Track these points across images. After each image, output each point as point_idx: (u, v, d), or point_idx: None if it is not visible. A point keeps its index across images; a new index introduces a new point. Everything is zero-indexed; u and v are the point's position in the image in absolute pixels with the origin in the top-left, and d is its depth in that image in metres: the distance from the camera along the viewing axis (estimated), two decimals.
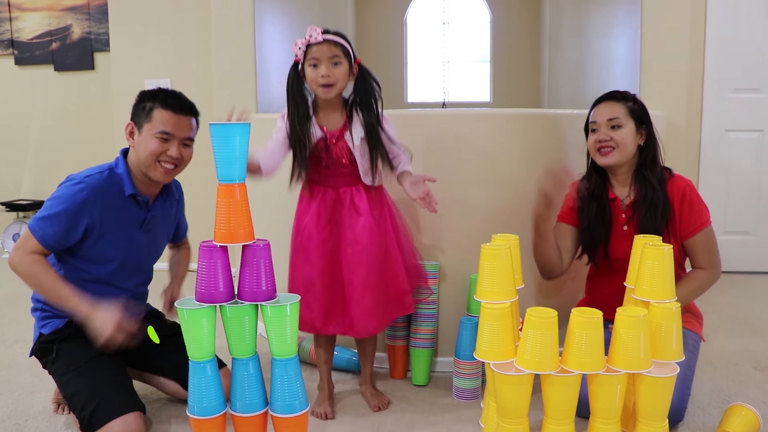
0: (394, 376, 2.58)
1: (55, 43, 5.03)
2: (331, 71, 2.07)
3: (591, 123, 2.25)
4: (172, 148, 2.08)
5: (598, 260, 2.27)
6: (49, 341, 2.14)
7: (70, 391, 2.02)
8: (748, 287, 3.90)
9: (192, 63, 4.32)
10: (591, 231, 2.25)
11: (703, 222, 2.18)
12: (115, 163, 2.14)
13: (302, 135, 2.11)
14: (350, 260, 2.16)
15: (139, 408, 2.00)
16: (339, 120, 2.16)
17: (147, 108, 2.08)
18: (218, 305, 1.74)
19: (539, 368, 1.62)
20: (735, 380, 2.50)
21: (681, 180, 2.21)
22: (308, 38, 2.08)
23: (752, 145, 4.12)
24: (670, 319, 1.69)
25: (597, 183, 2.27)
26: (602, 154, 2.20)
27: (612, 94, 2.25)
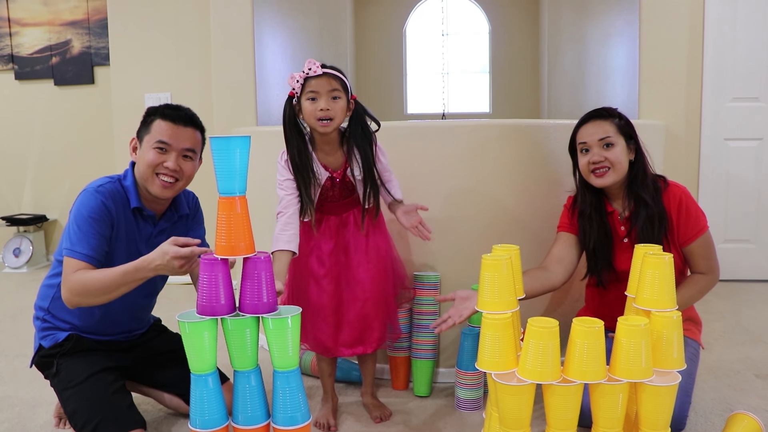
0: (396, 387, 2.58)
1: (55, 58, 5.05)
2: (331, 105, 2.04)
3: (580, 144, 2.20)
4: (170, 160, 2.04)
5: (604, 276, 2.25)
6: (49, 355, 2.13)
7: (70, 408, 2.01)
8: (749, 295, 3.89)
9: (192, 76, 4.34)
10: (596, 251, 2.23)
11: (700, 228, 2.18)
12: (124, 175, 2.12)
13: (305, 172, 2.10)
14: (360, 279, 2.18)
15: (139, 425, 1.99)
16: (340, 157, 2.15)
17: (148, 121, 2.07)
18: (220, 318, 1.74)
19: (541, 378, 1.62)
20: (736, 388, 2.49)
21: (676, 188, 2.20)
22: (307, 71, 2.04)
23: (751, 153, 4.13)
24: (672, 328, 1.69)
25: (592, 202, 2.24)
26: (597, 175, 2.17)
27: (598, 113, 2.21)
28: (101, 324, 2.16)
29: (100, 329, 2.17)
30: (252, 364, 1.79)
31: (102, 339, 2.18)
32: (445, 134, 2.53)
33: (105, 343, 2.18)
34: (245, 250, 1.72)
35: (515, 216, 2.56)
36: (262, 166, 2.77)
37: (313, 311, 2.18)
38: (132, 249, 2.09)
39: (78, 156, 5.14)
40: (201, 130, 2.13)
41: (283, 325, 1.72)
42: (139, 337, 2.30)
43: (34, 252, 5.08)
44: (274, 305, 1.75)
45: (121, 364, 2.18)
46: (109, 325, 2.18)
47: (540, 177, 2.57)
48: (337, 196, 2.18)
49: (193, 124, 2.10)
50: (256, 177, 2.77)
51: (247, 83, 3.90)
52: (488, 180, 2.54)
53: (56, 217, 5.26)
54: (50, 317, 2.15)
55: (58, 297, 2.11)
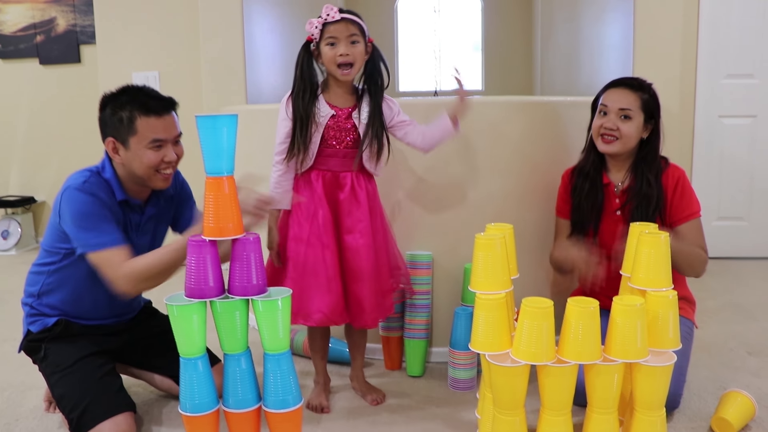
0: (389, 368, 2.56)
1: (39, 36, 4.96)
2: (350, 50, 2.04)
3: (602, 105, 2.21)
4: (168, 153, 2.00)
5: (587, 242, 2.24)
6: (37, 340, 2.11)
7: (58, 392, 2.00)
8: (741, 273, 3.90)
9: (180, 54, 4.27)
10: (581, 210, 2.25)
11: (693, 212, 2.17)
12: (102, 167, 2.04)
13: (305, 113, 2.07)
14: (349, 247, 2.13)
15: (129, 408, 1.98)
16: (349, 100, 2.14)
17: (125, 120, 1.95)
18: (208, 300, 1.71)
19: (535, 359, 1.60)
20: (730, 366, 2.49)
21: (676, 170, 2.21)
22: (325, 17, 2.04)
23: (745, 130, 4.11)
24: (667, 308, 1.67)
25: (594, 163, 2.25)
26: (604, 141, 2.18)
27: (630, 82, 2.21)
28: (92, 310, 2.13)
29: (90, 314, 2.14)
30: (242, 347, 1.77)
31: (92, 323, 2.15)
32: (437, 111, 2.49)
33: (95, 328, 2.15)
34: (234, 231, 1.69)
35: (509, 194, 2.53)
36: (252, 145, 2.74)
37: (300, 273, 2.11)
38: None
39: (65, 136, 5.08)
40: (176, 108, 2.07)
41: (273, 307, 1.69)
42: (130, 320, 2.27)
43: (23, 234, 5.03)
44: (263, 287, 1.72)
45: (110, 348, 2.16)
46: (100, 310, 2.15)
47: (534, 155, 2.54)
48: (337, 138, 2.11)
49: (172, 107, 2.04)
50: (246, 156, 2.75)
51: (237, 61, 3.85)
52: (481, 158, 2.50)
53: (44, 198, 5.20)
54: (39, 303, 2.11)
55: (48, 283, 2.09)
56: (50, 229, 2.06)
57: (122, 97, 1.98)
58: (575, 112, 2.59)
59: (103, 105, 2.01)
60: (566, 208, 2.33)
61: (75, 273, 2.06)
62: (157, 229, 2.21)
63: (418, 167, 2.49)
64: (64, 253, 2.05)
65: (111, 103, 1.99)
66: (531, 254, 2.51)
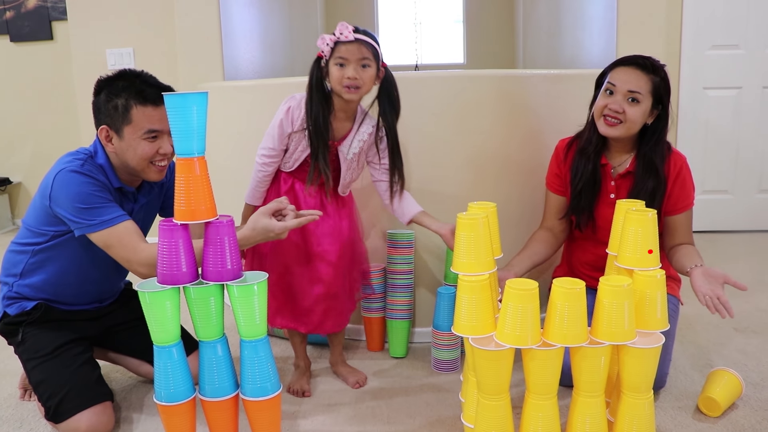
0: (371, 349, 2.53)
1: (9, 12, 4.81)
2: (359, 74, 1.94)
3: (609, 83, 2.06)
4: (164, 144, 1.91)
5: (582, 224, 2.18)
6: (14, 323, 2.04)
7: (35, 379, 1.95)
8: (726, 246, 3.88)
9: (155, 30, 4.16)
10: (581, 193, 2.15)
11: (689, 203, 2.12)
12: (93, 152, 1.95)
13: (323, 136, 2.00)
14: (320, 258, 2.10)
15: (107, 398, 1.94)
16: (346, 126, 2.07)
17: (120, 108, 1.87)
18: (182, 286, 1.65)
19: (520, 342, 1.55)
20: (716, 342, 2.47)
21: (678, 157, 2.11)
22: (338, 35, 1.93)
23: (730, 102, 4.07)
24: (655, 288, 1.63)
25: (596, 144, 2.13)
26: (607, 123, 2.05)
27: (642, 62, 2.05)
28: (77, 293, 2.08)
29: (73, 298, 2.09)
30: (218, 334, 1.71)
31: (73, 308, 2.10)
32: (419, 86, 2.43)
33: (75, 313, 2.10)
34: (206, 214, 1.63)
35: (492, 171, 2.48)
36: (231, 124, 2.67)
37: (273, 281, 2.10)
38: None
39: (40, 115, 4.95)
40: None
41: (249, 293, 1.64)
42: (110, 305, 2.21)
43: None
44: (238, 272, 1.67)
45: (89, 334, 2.11)
46: (84, 294, 2.10)
47: (517, 130, 2.49)
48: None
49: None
50: (224, 135, 2.68)
51: (213, 37, 3.75)
52: (464, 133, 2.45)
53: (20, 179, 5.08)
54: (20, 284, 2.04)
55: (32, 263, 2.01)
56: (36, 211, 1.97)
57: (119, 82, 1.89)
58: (557, 86, 2.54)
59: (98, 89, 1.92)
60: (557, 182, 2.25)
61: (63, 254, 1.99)
62: (146, 217, 2.15)
63: None
64: (52, 235, 1.97)
65: (106, 88, 1.90)
66: (514, 232, 2.46)
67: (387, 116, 2.06)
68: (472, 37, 6.23)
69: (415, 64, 5.94)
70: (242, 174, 2.61)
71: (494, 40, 6.18)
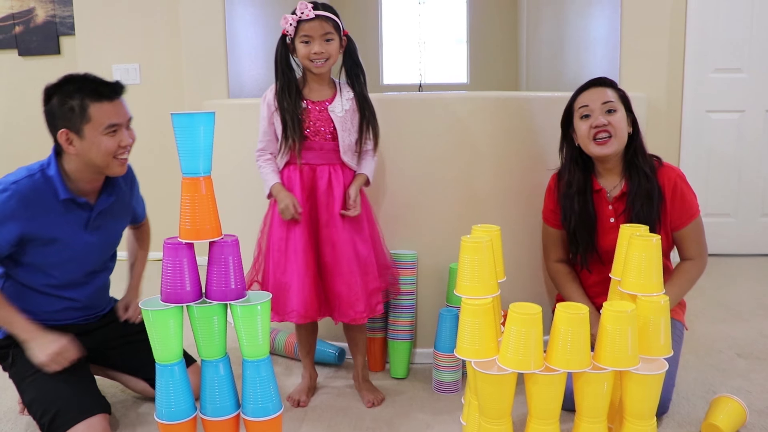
0: (373, 369, 2.51)
1: (18, 27, 4.84)
2: (324, 48, 2.05)
3: (582, 108, 2.11)
4: (123, 137, 1.94)
5: (588, 257, 2.19)
6: (4, 347, 2.04)
7: (28, 397, 1.94)
8: (729, 270, 3.87)
9: (161, 47, 4.19)
10: (576, 231, 2.17)
11: (693, 213, 2.12)
12: (47, 163, 1.98)
13: (294, 105, 2.07)
14: (326, 241, 2.11)
15: (103, 409, 1.92)
16: (326, 92, 2.14)
17: (77, 108, 1.88)
18: (185, 305, 1.65)
19: (523, 367, 1.55)
20: (719, 368, 2.45)
21: (671, 170, 2.13)
22: (299, 14, 2.03)
23: (733, 125, 4.07)
24: (659, 314, 1.62)
25: (579, 180, 2.16)
26: (599, 143, 2.07)
27: (600, 80, 2.15)
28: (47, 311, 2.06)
29: (59, 316, 2.08)
30: (220, 353, 1.71)
31: (58, 324, 2.08)
32: (423, 107, 2.44)
33: (62, 328, 2.08)
34: (211, 234, 1.64)
35: (494, 193, 2.48)
36: (235, 141, 2.67)
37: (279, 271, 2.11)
38: (66, 238, 1.99)
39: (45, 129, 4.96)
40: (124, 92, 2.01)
41: (252, 313, 1.64)
42: (100, 318, 2.21)
43: None
44: (242, 291, 1.67)
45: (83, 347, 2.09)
46: (70, 311, 2.10)
47: (520, 152, 2.49)
48: (314, 132, 2.10)
49: (121, 91, 1.97)
50: (228, 153, 2.69)
51: (218, 54, 3.78)
52: (467, 155, 2.45)
53: None
54: None
55: (8, 287, 2.02)
56: None
57: (68, 86, 1.91)
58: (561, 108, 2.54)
59: (48, 96, 1.94)
60: (553, 218, 2.27)
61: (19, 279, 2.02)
62: (111, 226, 2.13)
63: (402, 165, 2.44)
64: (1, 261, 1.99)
65: (57, 93, 1.92)
66: (517, 255, 2.47)
67: (353, 81, 2.15)
68: (475, 57, 6.25)
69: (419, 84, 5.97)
70: (246, 193, 2.62)
71: (497, 60, 6.20)
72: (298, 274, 2.07)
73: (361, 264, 2.13)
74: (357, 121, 2.14)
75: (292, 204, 2.05)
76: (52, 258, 1.98)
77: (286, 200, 2.05)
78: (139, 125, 4.31)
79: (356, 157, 2.16)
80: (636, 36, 3.54)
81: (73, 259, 2.02)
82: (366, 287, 2.15)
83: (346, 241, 2.10)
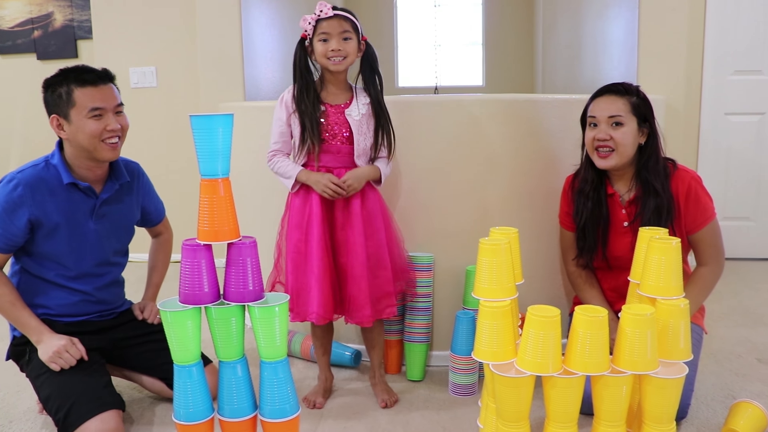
0: (389, 371, 2.51)
1: (37, 31, 4.89)
2: (342, 45, 2.06)
3: (589, 117, 2.12)
4: (110, 122, 1.99)
5: (596, 261, 2.20)
6: (22, 344, 2.08)
7: (44, 394, 1.96)
8: (749, 275, 3.83)
9: (177, 50, 4.21)
10: (585, 232, 2.17)
11: (708, 216, 2.11)
12: (51, 155, 2.07)
13: (311, 107, 2.09)
14: (343, 244, 2.13)
15: (116, 405, 1.94)
16: (343, 96, 2.15)
17: (64, 95, 1.98)
18: (203, 306, 1.65)
19: (541, 370, 1.54)
20: (739, 373, 2.43)
21: (686, 173, 2.12)
22: (318, 13, 2.06)
23: (753, 128, 4.03)
24: (678, 317, 1.61)
25: (593, 181, 2.16)
26: (600, 155, 2.09)
27: (614, 87, 2.11)
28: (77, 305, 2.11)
29: (74, 309, 2.12)
30: (238, 354, 1.71)
31: (74, 320, 2.12)
32: (439, 109, 2.44)
33: (77, 324, 2.12)
34: (229, 235, 1.64)
35: (511, 195, 2.48)
36: (251, 143, 2.68)
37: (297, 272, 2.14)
38: (74, 225, 2.05)
39: None
40: (114, 80, 2.08)
41: (270, 314, 1.64)
42: (117, 317, 2.23)
43: None
44: (260, 293, 1.67)
45: (97, 346, 2.12)
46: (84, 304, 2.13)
47: (536, 154, 2.48)
48: (329, 132, 2.11)
49: (109, 79, 2.04)
50: (244, 155, 2.69)
51: (235, 57, 3.79)
52: (483, 157, 2.45)
53: None
54: None
55: (24, 282, 2.08)
56: None
57: (59, 77, 2.02)
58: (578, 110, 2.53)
59: (44, 88, 2.04)
60: (568, 220, 2.27)
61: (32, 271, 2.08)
62: (118, 216, 2.17)
63: (418, 167, 2.43)
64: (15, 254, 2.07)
65: (50, 84, 2.02)
66: (535, 257, 2.46)
67: (370, 87, 2.16)
68: (491, 59, 6.25)
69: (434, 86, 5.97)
70: (263, 194, 2.63)
71: (513, 63, 6.19)
72: (316, 276, 2.09)
73: (372, 267, 2.14)
74: (372, 126, 2.15)
75: (329, 181, 2.06)
76: (62, 246, 2.04)
77: (322, 180, 2.07)
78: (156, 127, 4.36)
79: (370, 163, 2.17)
80: (654, 38, 3.52)
81: (82, 247, 2.07)
82: (375, 290, 2.16)
83: (360, 244, 2.11)
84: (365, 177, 2.13)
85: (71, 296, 2.10)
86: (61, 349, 1.95)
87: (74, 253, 2.06)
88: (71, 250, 2.05)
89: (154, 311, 2.24)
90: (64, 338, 1.98)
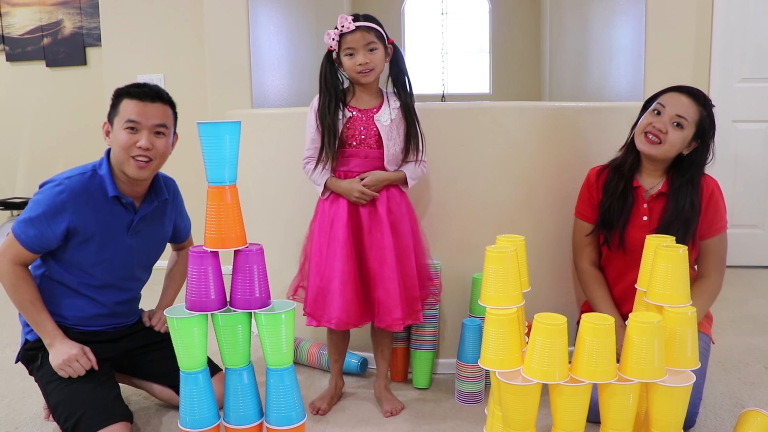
0: (395, 379, 2.51)
1: (46, 39, 4.93)
2: (369, 58, 2.06)
3: (658, 104, 2.11)
4: (142, 139, 1.97)
5: (612, 244, 2.19)
6: (34, 348, 2.07)
7: (53, 401, 1.96)
8: (757, 282, 3.81)
9: (185, 57, 4.23)
10: (611, 209, 2.16)
11: (722, 226, 2.12)
12: (99, 163, 2.05)
13: (333, 122, 2.08)
14: (368, 247, 2.13)
15: (124, 418, 1.93)
16: (373, 101, 2.15)
17: (116, 103, 2.01)
18: (210, 313, 1.66)
19: (547, 377, 1.54)
20: (747, 382, 2.42)
21: (711, 180, 2.15)
22: (341, 28, 2.05)
23: (760, 135, 4.03)
24: (686, 325, 1.61)
25: (631, 163, 2.17)
26: (648, 140, 2.09)
27: (694, 92, 2.11)
28: (93, 318, 2.10)
29: (90, 322, 2.11)
30: (244, 361, 1.72)
31: (90, 329, 2.11)
32: (446, 117, 2.44)
33: (93, 334, 2.12)
34: (236, 242, 1.65)
35: (518, 202, 2.48)
36: (259, 151, 2.69)
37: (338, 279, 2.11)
38: (108, 237, 2.04)
39: (71, 138, 5.04)
40: (170, 104, 2.08)
41: (276, 321, 1.65)
42: (129, 327, 2.23)
43: None
44: (267, 300, 1.68)
45: (109, 356, 2.12)
46: (100, 318, 2.12)
47: (544, 162, 2.48)
48: (356, 137, 2.12)
49: (160, 98, 2.03)
50: (251, 162, 2.70)
51: (242, 64, 3.81)
52: (490, 165, 2.45)
53: None
54: None
55: (44, 288, 2.06)
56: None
57: (125, 86, 2.04)
58: (586, 118, 2.53)
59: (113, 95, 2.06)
60: (588, 211, 2.25)
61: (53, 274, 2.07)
62: (152, 233, 2.17)
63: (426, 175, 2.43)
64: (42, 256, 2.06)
65: (115, 91, 2.05)
66: (542, 265, 2.45)
67: (400, 90, 2.15)
68: (498, 67, 6.25)
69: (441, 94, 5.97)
70: (270, 202, 2.63)
71: (520, 71, 6.19)
72: (339, 281, 2.08)
73: (401, 272, 2.13)
74: (403, 130, 2.14)
75: (356, 188, 2.07)
76: (92, 256, 2.03)
77: (351, 185, 2.08)
78: None
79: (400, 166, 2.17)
80: (661, 45, 3.52)
81: (113, 260, 2.07)
82: (405, 294, 2.15)
83: (388, 247, 2.10)
84: (385, 179, 2.12)
85: (89, 307, 2.09)
86: (71, 358, 1.95)
87: (103, 263, 2.05)
88: (101, 261, 2.04)
89: (162, 320, 2.23)
90: (77, 347, 1.98)
